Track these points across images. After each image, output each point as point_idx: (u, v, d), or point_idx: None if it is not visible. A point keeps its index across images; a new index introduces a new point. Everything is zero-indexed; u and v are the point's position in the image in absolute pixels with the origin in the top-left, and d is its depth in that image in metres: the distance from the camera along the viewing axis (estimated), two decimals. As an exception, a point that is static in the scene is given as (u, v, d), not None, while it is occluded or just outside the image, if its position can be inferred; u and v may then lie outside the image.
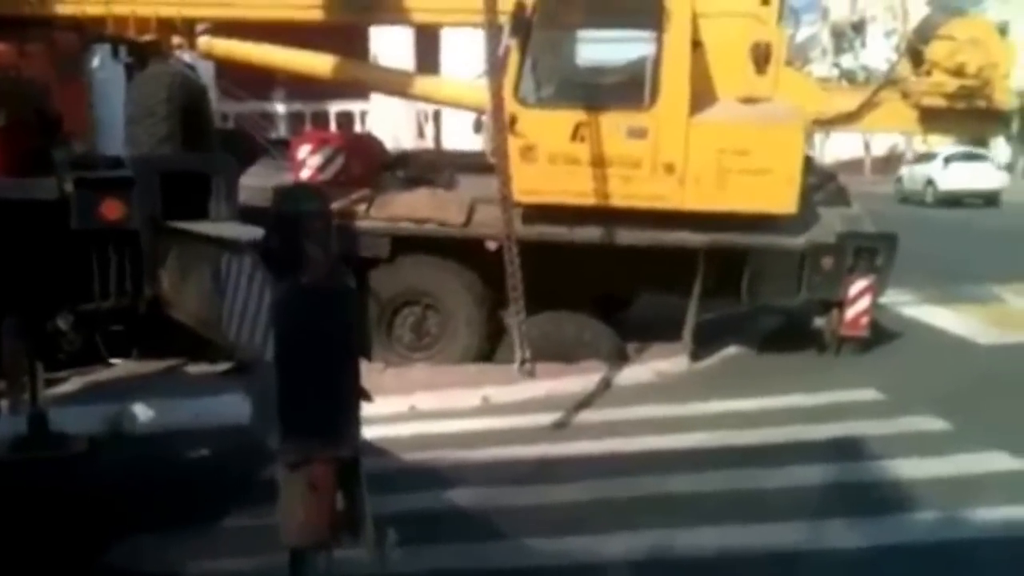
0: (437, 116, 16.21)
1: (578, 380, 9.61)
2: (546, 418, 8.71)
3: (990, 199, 34.47)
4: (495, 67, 9.12)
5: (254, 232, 4.12)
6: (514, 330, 9.34)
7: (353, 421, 3.60)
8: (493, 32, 8.93)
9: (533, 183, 9.89)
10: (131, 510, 6.69)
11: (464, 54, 14.80)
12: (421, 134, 16.30)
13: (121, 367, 10.06)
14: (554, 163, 9.87)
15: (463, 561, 5.78)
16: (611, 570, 5.76)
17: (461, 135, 14.14)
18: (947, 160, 35.70)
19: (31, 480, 7.43)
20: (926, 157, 37.96)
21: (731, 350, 11.02)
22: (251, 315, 3.73)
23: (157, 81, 10.88)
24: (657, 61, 9.79)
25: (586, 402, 9.16)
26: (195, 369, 10.07)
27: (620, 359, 10.29)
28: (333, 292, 3.60)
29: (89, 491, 7.22)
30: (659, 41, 9.76)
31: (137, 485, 7.29)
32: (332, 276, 3.61)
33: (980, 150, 36.42)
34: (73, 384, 9.41)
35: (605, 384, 9.65)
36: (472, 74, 12.30)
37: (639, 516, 6.42)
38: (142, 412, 8.79)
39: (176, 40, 11.59)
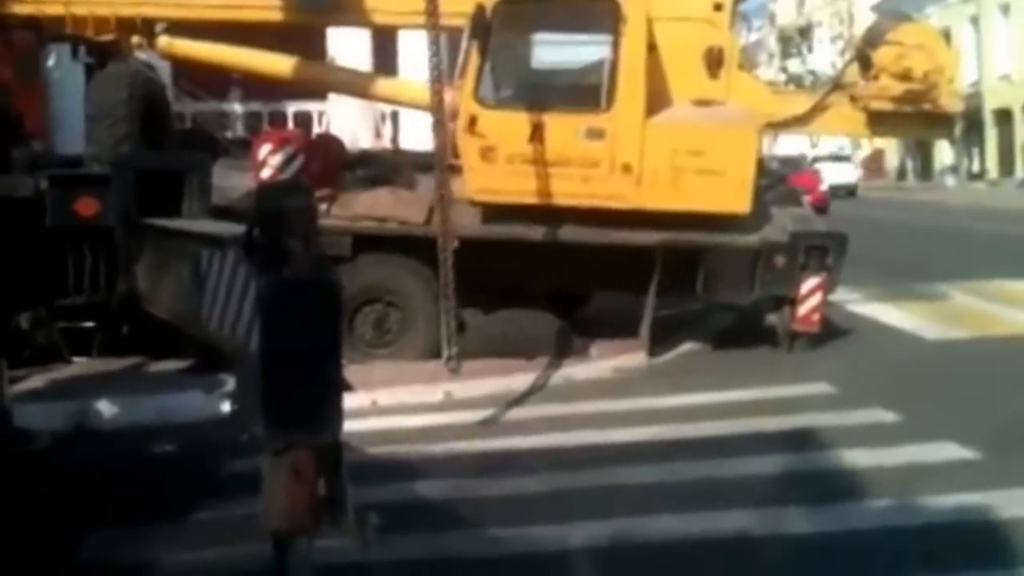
0: (395, 117, 16.29)
1: (537, 376, 9.76)
2: (507, 413, 8.86)
3: (850, 191, 45.46)
4: (437, 67, 9.21)
5: (235, 228, 4.23)
6: (443, 327, 9.44)
7: (335, 410, 3.73)
8: (434, 35, 9.03)
9: (493, 183, 10.08)
10: (99, 505, 6.75)
11: (421, 56, 14.85)
12: (378, 135, 16.37)
13: (82, 365, 10.10)
14: (513, 163, 10.05)
15: (428, 550, 5.88)
16: (573, 557, 5.87)
17: (418, 136, 14.23)
18: (814, 160, 44.59)
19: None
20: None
21: (687, 346, 11.23)
22: (233, 308, 3.85)
23: (116, 80, 10.90)
24: (614, 64, 10.01)
25: (546, 397, 9.33)
26: (157, 367, 10.15)
27: (579, 355, 10.47)
28: (316, 285, 3.73)
29: (54, 487, 7.30)
30: (615, 45, 9.98)
31: (103, 480, 7.35)
32: (315, 269, 3.75)
33: (843, 153, 49.22)
34: (36, 381, 9.45)
35: (564, 380, 9.83)
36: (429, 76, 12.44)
37: (599, 505, 6.55)
38: (106, 409, 8.85)
39: (135, 40, 11.57)
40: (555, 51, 11.30)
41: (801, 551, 5.90)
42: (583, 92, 10.38)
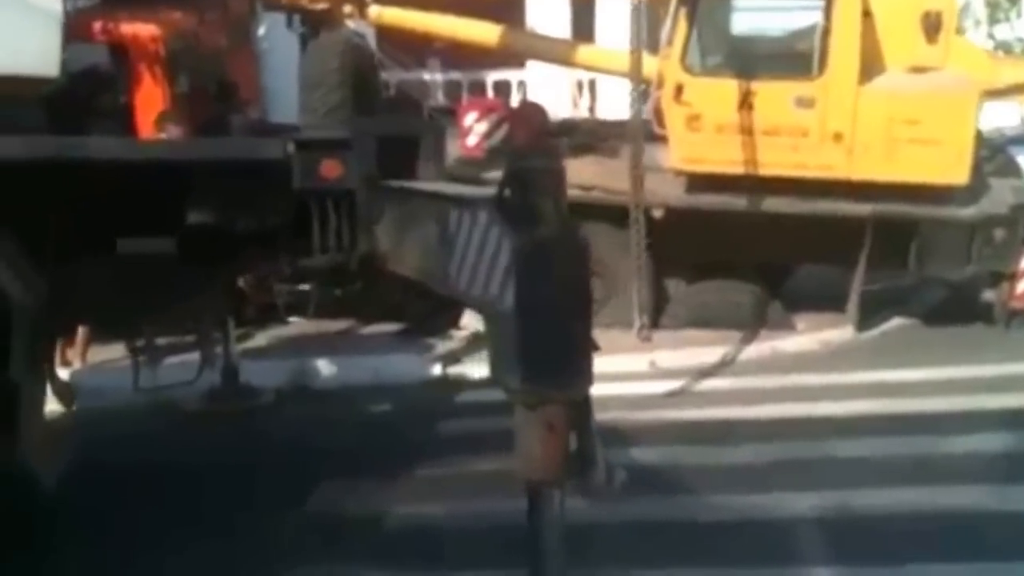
0: (592, 86, 16.29)
1: (743, 347, 9.72)
2: (712, 383, 8.89)
3: None
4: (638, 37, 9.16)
5: (482, 190, 4.38)
6: (634, 295, 9.40)
7: (586, 366, 3.81)
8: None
9: (699, 152, 10.01)
10: (324, 460, 7.06)
11: (620, 23, 14.84)
12: (575, 104, 16.39)
13: (298, 325, 10.53)
14: (721, 132, 9.94)
15: (655, 513, 5.95)
16: (791, 526, 5.86)
17: (615, 105, 14.21)
18: None
19: (224, 429, 7.91)
20: None
21: (897, 321, 10.97)
22: (485, 267, 3.93)
23: (330, 50, 11.15)
24: (826, 30, 9.79)
25: (753, 368, 9.30)
26: (369, 330, 10.50)
27: (784, 327, 10.35)
28: (568, 244, 3.82)
29: (279, 441, 7.65)
30: (828, 10, 9.76)
31: (324, 437, 7.68)
32: (565, 229, 3.84)
33: None
34: (257, 340, 9.90)
35: (771, 351, 9.76)
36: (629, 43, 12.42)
37: (813, 477, 6.55)
38: (324, 368, 9.21)
39: (347, 9, 11.84)
40: (764, 17, 11.07)
41: (1016, 528, 5.79)
42: (793, 59, 10.16)
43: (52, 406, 6.25)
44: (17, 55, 4.77)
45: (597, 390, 8.42)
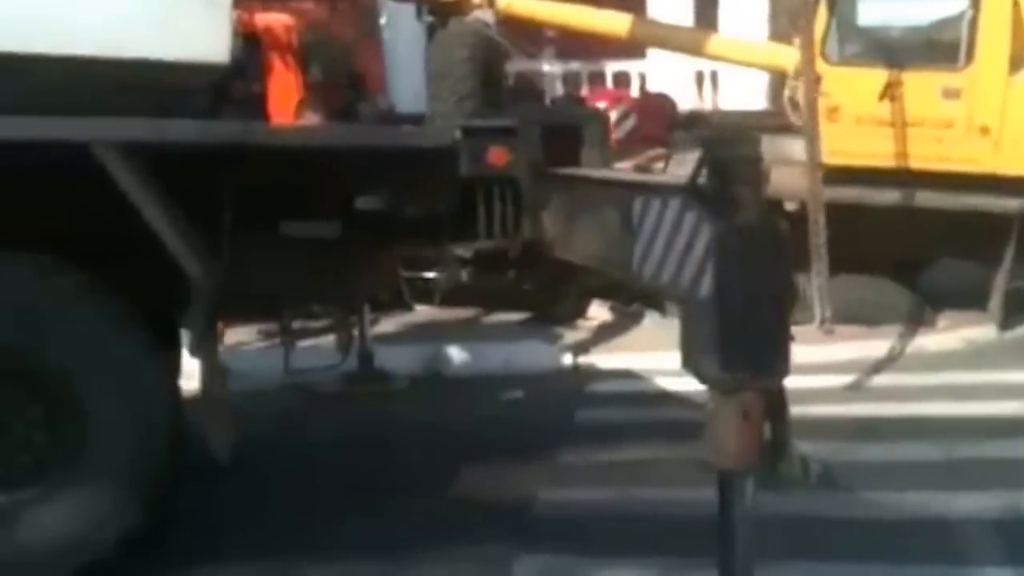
0: (714, 77, 16.05)
1: (882, 344, 9.44)
2: (854, 380, 8.65)
3: None
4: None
5: (665, 177, 4.34)
6: (814, 290, 9.26)
7: (784, 355, 3.71)
8: None
9: (837, 144, 9.77)
10: (464, 445, 7.05)
11: (743, 12, 14.65)
12: (698, 95, 16.15)
13: (423, 312, 10.54)
14: (861, 123, 9.73)
15: (818, 509, 5.77)
16: (961, 526, 5.67)
17: (738, 96, 14.02)
18: None
19: (364, 413, 7.95)
20: None
21: (1042, 321, 10.60)
22: (676, 254, 3.83)
23: (459, 39, 11.14)
24: (974, 19, 9.51)
25: (895, 366, 9.04)
26: (494, 319, 10.48)
27: (923, 324, 10.06)
28: (769, 232, 3.73)
29: (418, 425, 7.65)
30: (977, -2, 9.50)
31: (462, 423, 7.67)
32: (764, 218, 3.76)
33: None
34: (386, 326, 9.93)
35: (912, 349, 9.48)
36: (751, 32, 12.26)
37: (976, 476, 6.32)
38: (456, 355, 9.21)
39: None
40: (904, 5, 10.80)
41: None
42: (938, 48, 9.91)
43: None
44: (189, 42, 4.78)
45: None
